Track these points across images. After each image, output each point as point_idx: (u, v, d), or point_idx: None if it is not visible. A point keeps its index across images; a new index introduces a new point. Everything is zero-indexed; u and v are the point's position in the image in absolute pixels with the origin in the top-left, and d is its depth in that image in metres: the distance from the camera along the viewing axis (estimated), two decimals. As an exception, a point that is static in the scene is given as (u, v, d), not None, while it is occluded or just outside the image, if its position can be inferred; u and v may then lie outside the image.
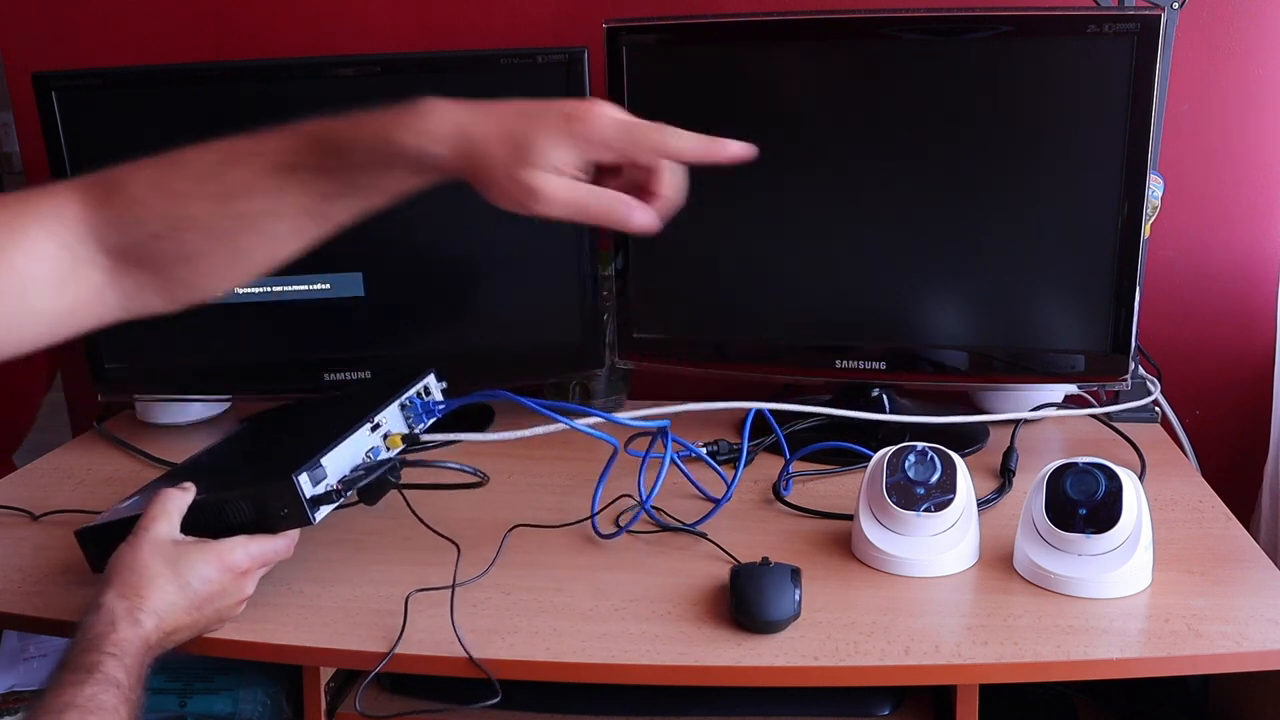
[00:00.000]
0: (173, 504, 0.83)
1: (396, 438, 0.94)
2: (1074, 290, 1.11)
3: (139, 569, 0.78)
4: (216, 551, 0.81)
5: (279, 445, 0.99)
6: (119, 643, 0.72)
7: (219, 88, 1.20)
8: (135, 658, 0.73)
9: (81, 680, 0.69)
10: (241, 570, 0.82)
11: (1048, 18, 1.06)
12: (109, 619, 0.74)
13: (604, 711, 0.90)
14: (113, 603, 0.75)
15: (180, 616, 0.78)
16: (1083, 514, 0.86)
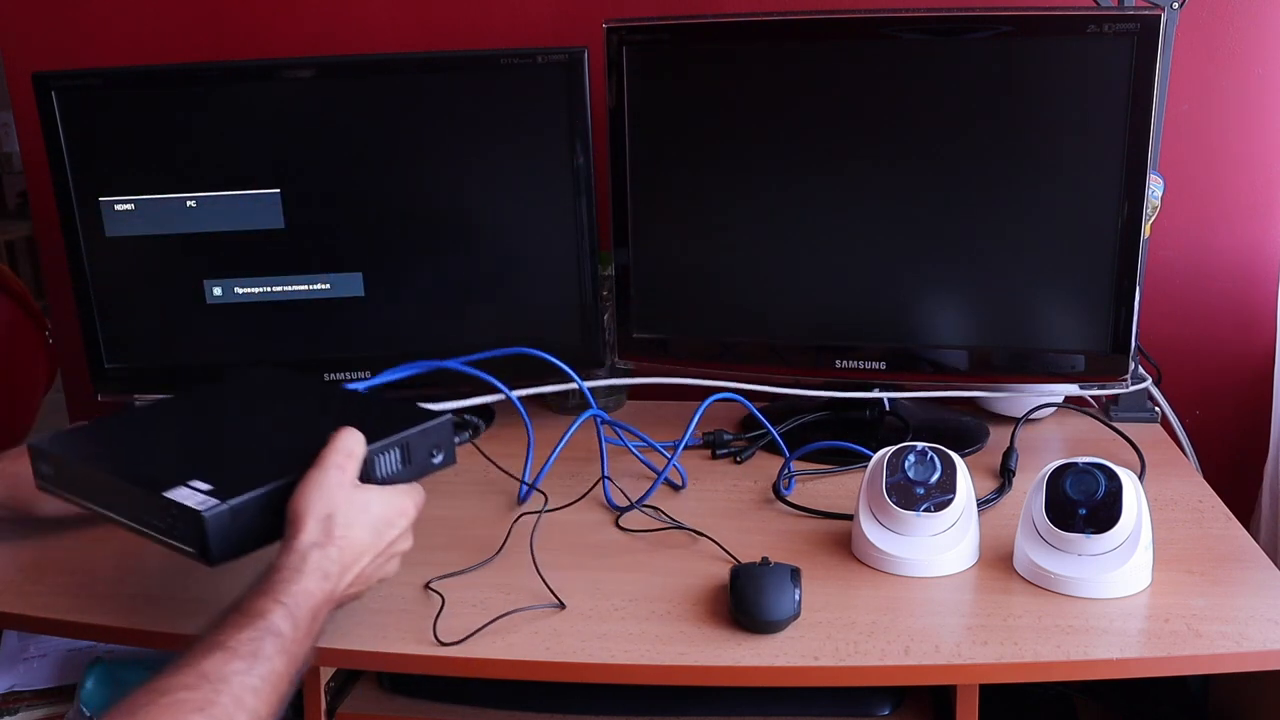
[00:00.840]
0: (358, 445, 0.79)
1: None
2: (1074, 290, 1.11)
3: (330, 512, 0.74)
4: (399, 493, 0.80)
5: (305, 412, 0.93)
6: (297, 594, 0.70)
7: (219, 88, 1.20)
8: (309, 609, 0.71)
9: (243, 624, 0.68)
10: (411, 519, 0.80)
11: (1048, 18, 1.06)
12: (297, 565, 0.72)
13: (604, 711, 0.90)
14: (305, 548, 0.73)
15: (366, 563, 0.76)
16: (1083, 514, 0.86)
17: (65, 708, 1.02)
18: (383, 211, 1.24)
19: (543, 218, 1.24)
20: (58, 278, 1.51)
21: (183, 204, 1.22)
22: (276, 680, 0.67)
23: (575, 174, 1.22)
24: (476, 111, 1.20)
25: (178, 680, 0.62)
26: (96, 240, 1.23)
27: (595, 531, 1.02)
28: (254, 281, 1.25)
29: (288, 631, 0.68)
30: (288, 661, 0.68)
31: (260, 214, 1.22)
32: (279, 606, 0.69)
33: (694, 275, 1.23)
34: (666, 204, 1.22)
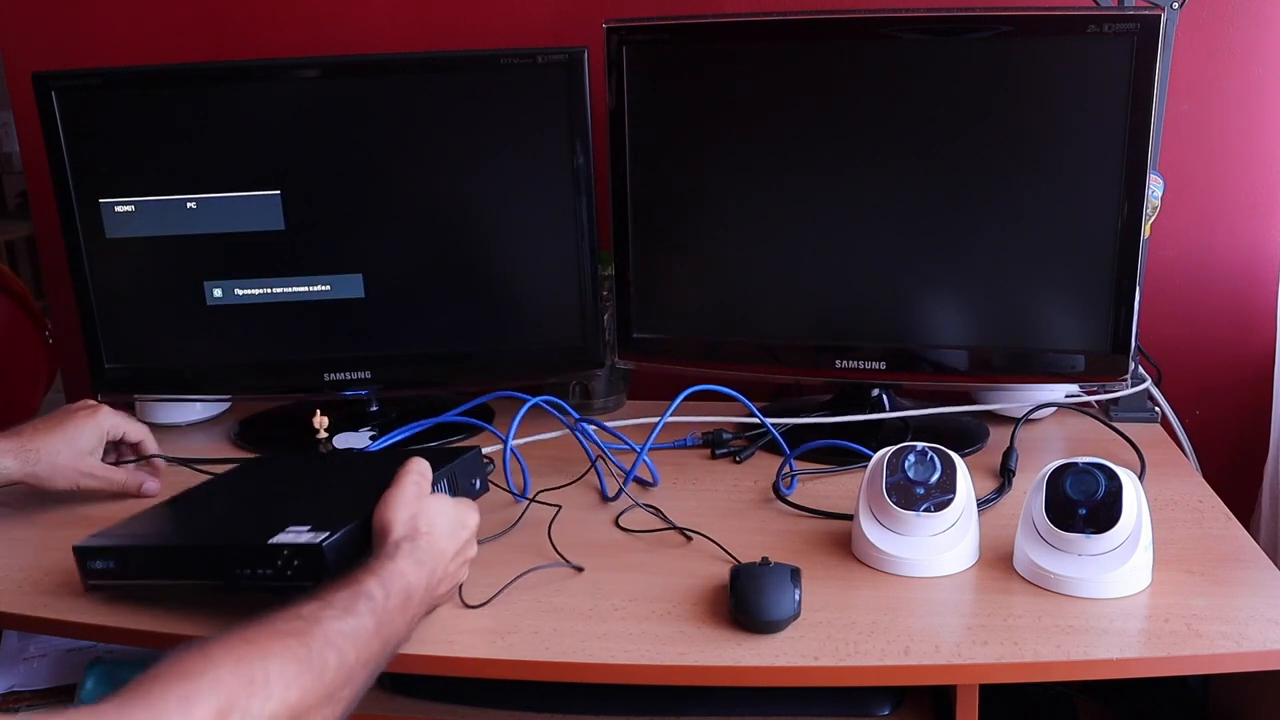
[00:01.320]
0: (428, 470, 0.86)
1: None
2: (1074, 290, 1.11)
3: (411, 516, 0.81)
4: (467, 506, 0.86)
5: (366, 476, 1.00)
6: (390, 571, 0.75)
7: (219, 88, 1.20)
8: (400, 585, 0.74)
9: (339, 587, 0.72)
10: (473, 529, 0.86)
11: (1048, 18, 1.06)
12: (390, 552, 0.77)
13: (604, 711, 0.90)
14: (399, 540, 0.78)
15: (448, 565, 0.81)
16: (1083, 514, 0.86)
17: (65, 708, 1.02)
18: (383, 212, 1.24)
19: (543, 218, 1.24)
20: (58, 278, 1.51)
21: (183, 205, 1.22)
22: (367, 637, 0.70)
23: (575, 174, 1.22)
24: (476, 111, 1.20)
25: (276, 617, 0.67)
26: (97, 241, 1.23)
27: (595, 531, 1.02)
28: (254, 283, 1.25)
29: (379, 597, 0.72)
30: (378, 624, 0.71)
31: (260, 215, 1.23)
32: (372, 577, 0.74)
33: (694, 275, 1.23)
34: (666, 204, 1.22)
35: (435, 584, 0.80)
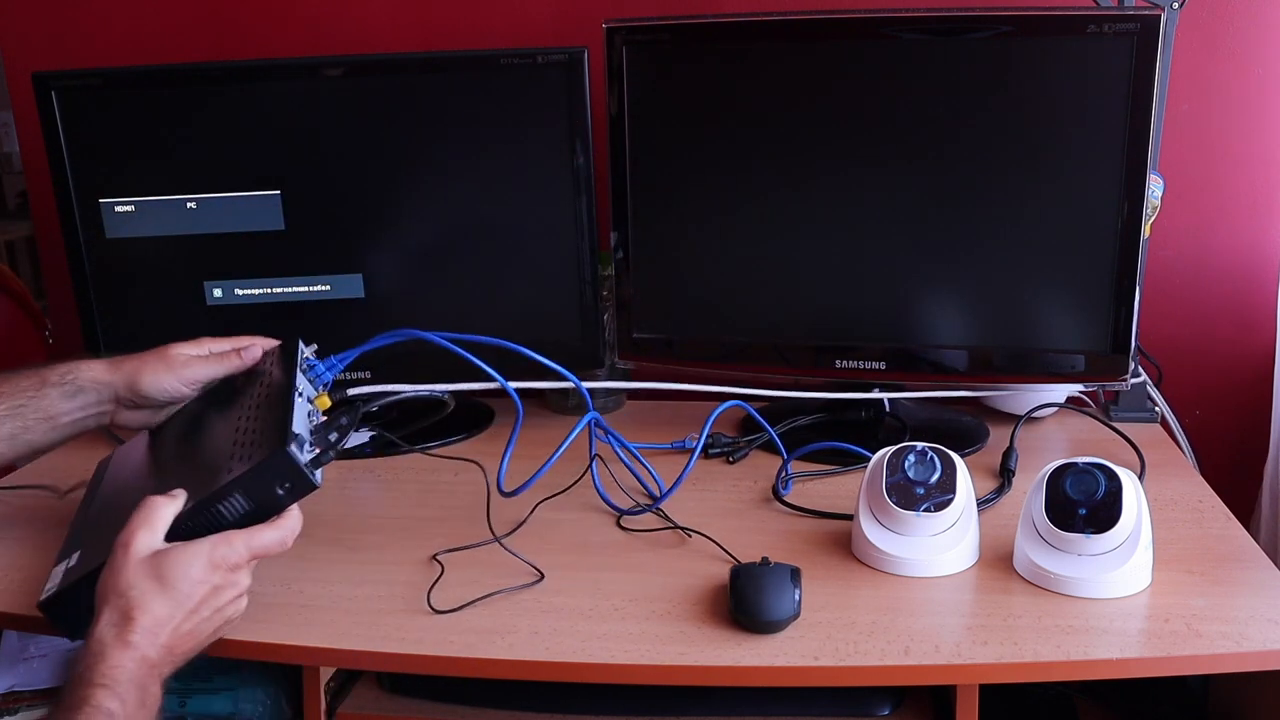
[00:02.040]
0: (156, 514, 0.79)
1: (324, 398, 0.92)
2: (1074, 290, 1.11)
3: (123, 590, 0.74)
4: (200, 550, 0.77)
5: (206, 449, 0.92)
6: (108, 672, 0.70)
7: (219, 88, 1.20)
8: (131, 683, 0.70)
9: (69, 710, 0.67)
10: (231, 564, 0.78)
11: (1048, 18, 1.06)
12: (98, 650, 0.72)
13: (604, 711, 0.90)
14: (101, 632, 0.73)
15: (179, 625, 0.75)
16: (1083, 514, 0.86)
17: (65, 708, 1.02)
18: (383, 212, 1.24)
19: (543, 218, 1.24)
20: (58, 278, 1.51)
21: (183, 205, 1.22)
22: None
23: (575, 174, 1.22)
24: (477, 111, 1.20)
25: None
26: (97, 241, 1.23)
27: (595, 531, 1.02)
28: (254, 283, 1.25)
29: (118, 709, 0.68)
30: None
31: (260, 215, 1.23)
32: (99, 689, 0.69)
33: (693, 275, 1.23)
34: (666, 204, 1.22)
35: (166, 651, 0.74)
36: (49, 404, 0.93)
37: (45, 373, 0.94)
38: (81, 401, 0.94)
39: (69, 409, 0.94)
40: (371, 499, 1.13)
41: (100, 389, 0.94)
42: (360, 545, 1.00)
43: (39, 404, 0.93)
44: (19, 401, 0.92)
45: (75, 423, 0.95)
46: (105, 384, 0.94)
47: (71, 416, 0.94)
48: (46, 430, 0.94)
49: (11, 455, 0.93)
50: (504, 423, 1.33)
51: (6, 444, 0.92)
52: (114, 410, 0.96)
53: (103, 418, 0.96)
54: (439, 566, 0.95)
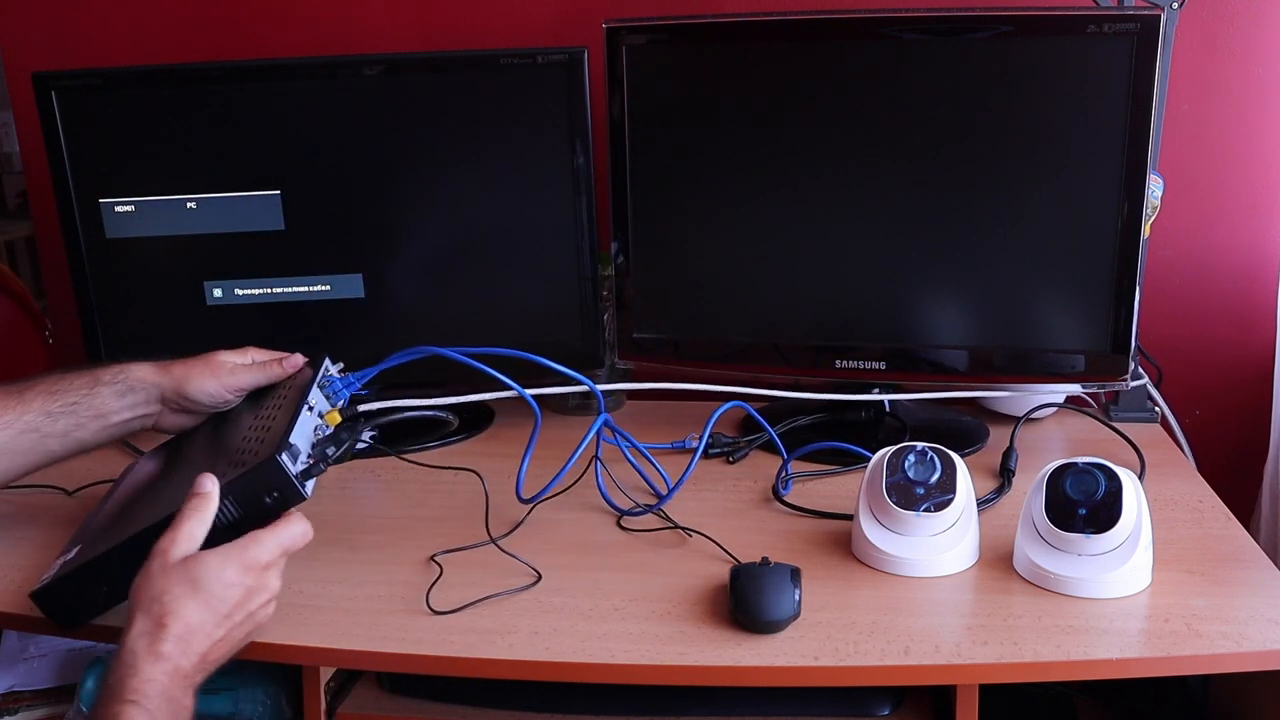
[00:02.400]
0: (193, 521, 0.78)
1: (334, 414, 0.93)
2: (1074, 290, 1.11)
3: (156, 595, 0.74)
4: (232, 553, 0.77)
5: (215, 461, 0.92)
6: (139, 686, 0.70)
7: (219, 88, 1.20)
8: (163, 697, 0.70)
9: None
10: (264, 565, 0.78)
11: (1048, 18, 1.06)
12: (130, 661, 0.71)
13: (604, 711, 0.90)
14: (134, 641, 0.72)
15: (212, 632, 0.75)
16: (1083, 514, 0.86)
17: (65, 708, 1.02)
18: (383, 212, 1.24)
19: (543, 218, 1.24)
20: (58, 278, 1.51)
21: (183, 205, 1.22)
22: None
23: (575, 174, 1.22)
24: (477, 111, 1.20)
25: None
26: (97, 241, 1.23)
27: (595, 531, 1.02)
28: (254, 283, 1.25)
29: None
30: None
31: (261, 215, 1.23)
32: (129, 706, 0.69)
33: (694, 275, 1.23)
34: (666, 204, 1.22)
35: (199, 659, 0.74)
36: (101, 402, 0.95)
37: (98, 372, 0.96)
38: (131, 401, 0.96)
39: (119, 408, 0.96)
40: (371, 499, 1.13)
41: (149, 390, 0.96)
42: (360, 545, 1.00)
43: (91, 402, 0.95)
44: (73, 399, 0.94)
45: (124, 422, 0.97)
46: (154, 385, 0.97)
47: (121, 416, 0.96)
48: (98, 429, 0.95)
49: (63, 452, 0.95)
50: (503, 423, 1.33)
51: (59, 441, 0.94)
52: (160, 412, 0.98)
53: (148, 419, 0.98)
54: (438, 567, 0.95)
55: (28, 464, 0.94)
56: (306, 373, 0.98)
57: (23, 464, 0.93)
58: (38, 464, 0.94)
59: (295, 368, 1.00)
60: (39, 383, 0.94)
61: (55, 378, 0.95)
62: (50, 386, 0.94)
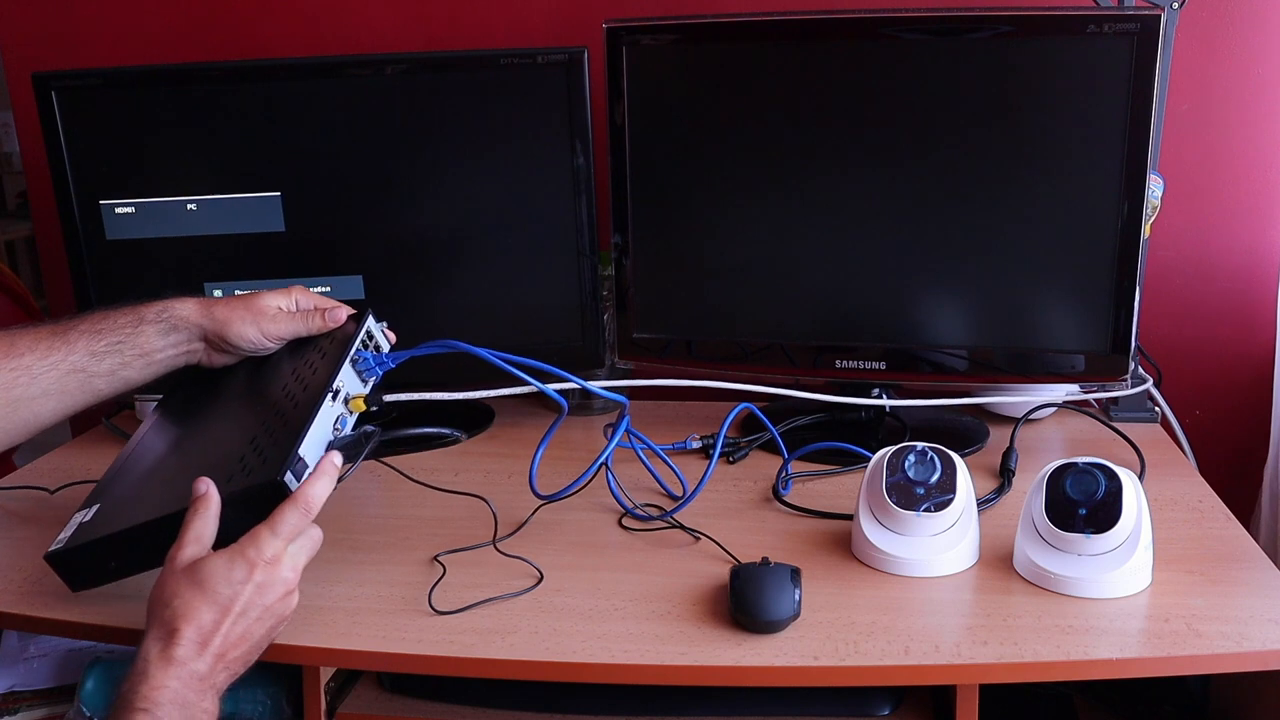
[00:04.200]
0: (200, 525, 0.79)
1: (359, 401, 0.91)
2: (1074, 290, 1.11)
3: (167, 600, 0.74)
4: (237, 552, 0.77)
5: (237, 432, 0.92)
6: (149, 694, 0.70)
7: (219, 88, 1.20)
8: (174, 704, 0.70)
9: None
10: (268, 558, 0.77)
11: (1048, 18, 1.06)
12: (141, 669, 0.71)
13: (604, 711, 0.90)
14: (146, 648, 0.73)
15: (228, 632, 0.74)
16: (1083, 514, 0.86)
17: (65, 708, 1.02)
18: (383, 213, 1.24)
19: (543, 218, 1.24)
20: (58, 278, 1.51)
21: (183, 206, 1.22)
22: None
23: (575, 174, 1.22)
24: (476, 111, 1.20)
25: None
26: (97, 242, 1.23)
27: (596, 531, 1.02)
28: (255, 284, 1.24)
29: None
30: None
31: (261, 216, 1.23)
32: (139, 714, 0.69)
33: (694, 276, 1.23)
34: (666, 204, 1.22)
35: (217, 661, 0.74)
36: (145, 341, 0.94)
37: (142, 310, 0.95)
38: (174, 339, 0.95)
39: (162, 346, 0.94)
40: (372, 499, 1.13)
41: (191, 329, 0.95)
42: (361, 545, 1.00)
43: (135, 340, 0.93)
44: (118, 338, 0.93)
45: (168, 360, 0.95)
46: (196, 325, 0.95)
47: (165, 354, 0.95)
48: (143, 367, 0.94)
49: (110, 391, 0.94)
50: (504, 423, 1.34)
51: (106, 380, 0.93)
52: (204, 350, 0.97)
53: (193, 356, 0.97)
54: (440, 567, 0.95)
55: (75, 404, 0.92)
56: (349, 326, 0.97)
57: (71, 404, 0.92)
58: (86, 403, 0.93)
59: (337, 323, 0.97)
60: (81, 321, 0.93)
61: (99, 315, 0.94)
62: (94, 325, 0.93)
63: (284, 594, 0.78)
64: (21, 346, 0.90)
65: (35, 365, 0.89)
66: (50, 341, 0.91)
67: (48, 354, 0.90)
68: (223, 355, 0.97)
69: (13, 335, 0.91)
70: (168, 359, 0.95)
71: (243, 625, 0.75)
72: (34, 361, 0.90)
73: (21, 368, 0.89)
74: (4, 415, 0.89)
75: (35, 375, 0.89)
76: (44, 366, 0.90)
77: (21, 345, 0.90)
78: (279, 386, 0.93)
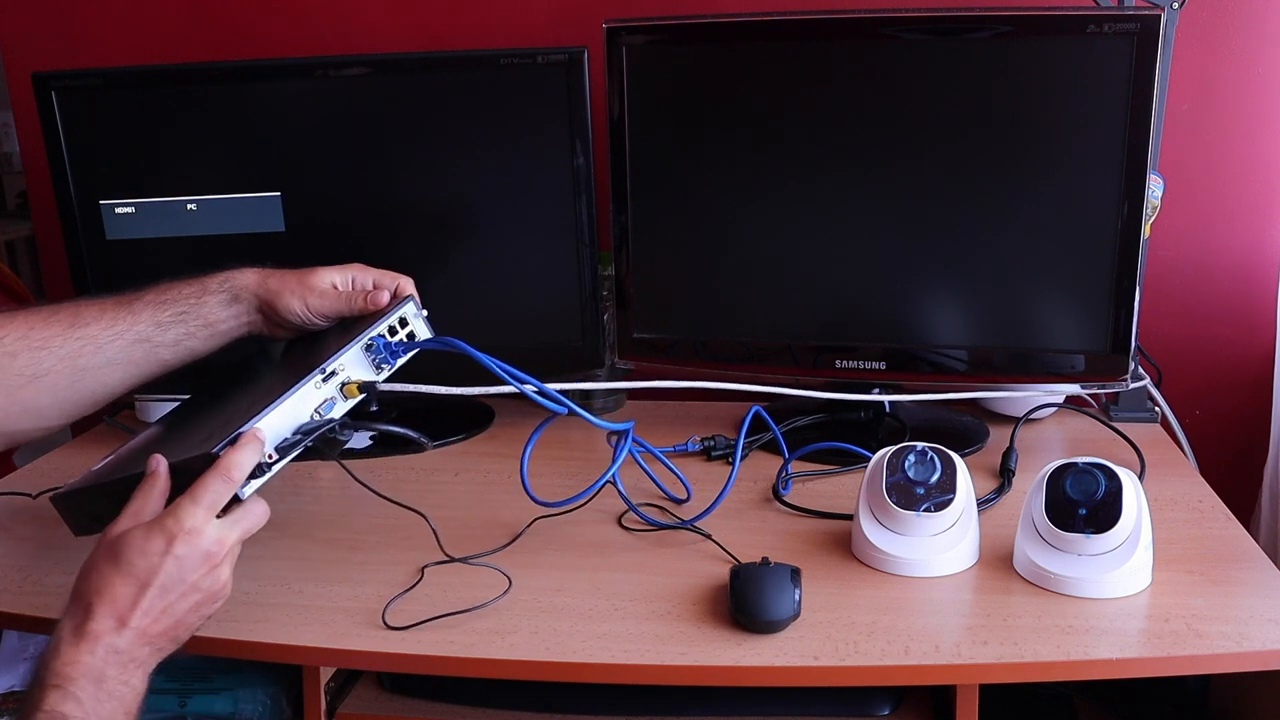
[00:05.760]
0: (141, 500, 0.76)
1: (354, 386, 0.89)
2: (1074, 290, 1.11)
3: (86, 573, 0.73)
4: (153, 525, 0.74)
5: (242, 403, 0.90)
6: (60, 669, 0.68)
7: (219, 88, 1.20)
8: (87, 678, 0.68)
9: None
10: (187, 529, 0.73)
11: (1048, 18, 1.06)
12: (54, 645, 0.70)
13: (604, 711, 0.90)
14: (61, 626, 0.71)
15: (148, 607, 0.72)
16: (1083, 514, 0.86)
17: (65, 708, 1.02)
18: (383, 213, 1.24)
19: (543, 218, 1.24)
20: (58, 278, 1.51)
21: (183, 206, 1.22)
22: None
23: (575, 174, 1.22)
24: (477, 111, 1.20)
25: None
26: (97, 242, 1.23)
27: (596, 531, 1.02)
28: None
29: (72, 709, 0.67)
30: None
31: (261, 216, 1.23)
32: (51, 690, 0.67)
33: (694, 275, 1.23)
34: (666, 204, 1.22)
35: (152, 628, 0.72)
36: (208, 311, 0.94)
37: (206, 280, 0.95)
38: (236, 310, 0.95)
39: (225, 317, 0.95)
40: (371, 499, 1.12)
41: (250, 300, 0.95)
42: (360, 545, 1.00)
43: (199, 311, 0.94)
44: (181, 308, 0.93)
45: (231, 330, 0.95)
46: (254, 295, 0.95)
47: (228, 325, 0.95)
48: (207, 337, 0.94)
49: (176, 361, 0.94)
50: (503, 422, 1.33)
51: (171, 350, 0.93)
52: (262, 321, 0.96)
53: (253, 327, 0.96)
54: (438, 569, 0.95)
55: (142, 374, 0.92)
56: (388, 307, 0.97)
57: (137, 374, 0.92)
58: (152, 374, 0.93)
59: (377, 306, 0.97)
60: (147, 292, 0.94)
61: (164, 286, 0.94)
62: (159, 296, 0.94)
63: (208, 568, 0.74)
64: (87, 316, 0.90)
65: (101, 335, 0.90)
66: (116, 312, 0.91)
67: (113, 324, 0.91)
68: (278, 328, 0.97)
69: (78, 305, 0.91)
70: (230, 329, 0.95)
71: (164, 600, 0.73)
72: (99, 331, 0.90)
73: (87, 337, 0.89)
74: (69, 384, 0.89)
75: (101, 345, 0.90)
76: (109, 336, 0.90)
77: (87, 315, 0.90)
78: (303, 364, 0.91)
